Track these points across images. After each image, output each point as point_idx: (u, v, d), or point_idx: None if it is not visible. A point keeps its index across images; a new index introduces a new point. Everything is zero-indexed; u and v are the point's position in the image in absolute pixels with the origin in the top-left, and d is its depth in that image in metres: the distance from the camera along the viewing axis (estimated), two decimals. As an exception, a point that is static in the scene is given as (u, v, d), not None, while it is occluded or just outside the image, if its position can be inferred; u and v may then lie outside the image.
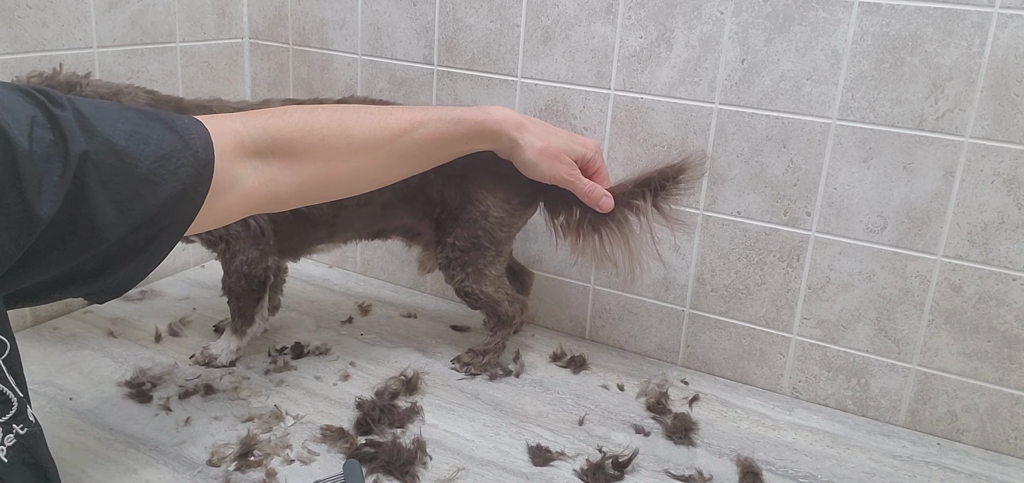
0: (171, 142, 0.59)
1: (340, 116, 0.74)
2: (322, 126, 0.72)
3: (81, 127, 0.52)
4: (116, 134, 0.55)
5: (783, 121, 0.88)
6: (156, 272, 1.16)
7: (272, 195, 0.70)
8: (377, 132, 0.75)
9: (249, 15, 1.22)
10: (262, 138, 0.68)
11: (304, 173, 0.71)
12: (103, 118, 0.55)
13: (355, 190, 0.78)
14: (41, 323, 1.01)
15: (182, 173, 0.59)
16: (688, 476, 0.76)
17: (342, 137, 0.73)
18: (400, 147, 0.76)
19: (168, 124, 0.60)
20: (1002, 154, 0.79)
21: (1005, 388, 0.84)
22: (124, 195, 0.55)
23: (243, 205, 0.68)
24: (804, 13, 0.84)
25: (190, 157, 0.60)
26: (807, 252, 0.90)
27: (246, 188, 0.67)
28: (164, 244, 0.61)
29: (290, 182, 0.70)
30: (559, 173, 0.82)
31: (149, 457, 0.75)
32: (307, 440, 0.79)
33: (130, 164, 0.55)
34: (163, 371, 0.90)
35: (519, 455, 0.79)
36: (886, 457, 0.83)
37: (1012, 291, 0.82)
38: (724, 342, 0.98)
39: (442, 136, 0.78)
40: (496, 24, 1.01)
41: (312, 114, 0.73)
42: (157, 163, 0.57)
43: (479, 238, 0.89)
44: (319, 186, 0.73)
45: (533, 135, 0.81)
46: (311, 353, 0.97)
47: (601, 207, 0.84)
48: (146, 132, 0.58)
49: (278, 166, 0.69)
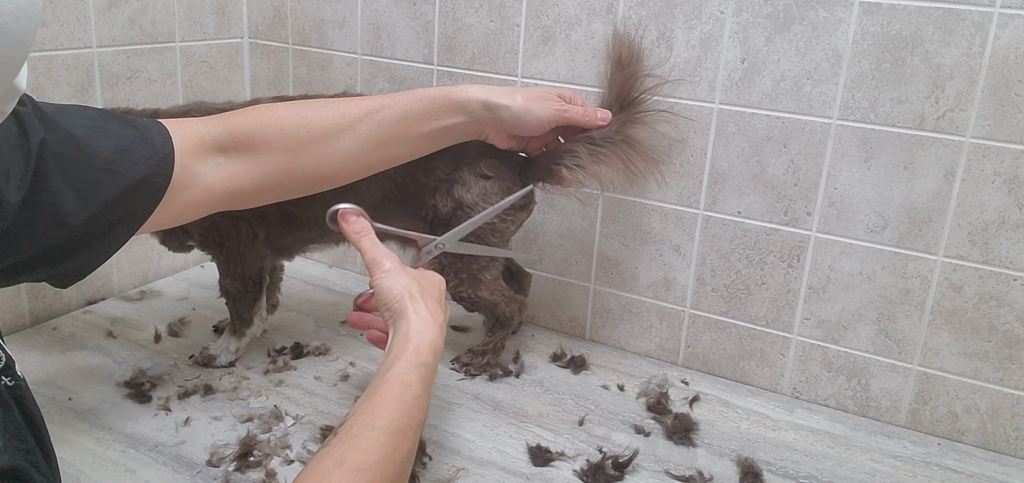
0: (130, 136, 0.63)
1: (299, 107, 0.76)
2: (280, 117, 0.74)
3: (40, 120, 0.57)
4: (75, 128, 0.59)
5: (783, 121, 0.88)
6: (156, 272, 1.16)
7: (235, 190, 0.72)
8: (337, 118, 0.75)
9: (249, 15, 1.22)
10: (222, 134, 0.71)
11: (265, 166, 0.73)
12: (62, 114, 0.60)
13: (326, 181, 0.78)
14: (40, 323, 1.01)
15: (142, 164, 0.63)
16: (688, 476, 0.76)
17: (301, 125, 0.74)
18: (364, 130, 0.76)
19: (127, 121, 0.64)
20: (1003, 154, 0.79)
21: (1006, 388, 0.84)
22: (84, 183, 0.59)
23: (206, 200, 0.71)
24: (804, 13, 0.84)
25: (149, 149, 0.64)
26: (807, 252, 0.90)
27: (208, 183, 0.70)
28: (124, 231, 0.64)
29: (252, 176, 0.72)
30: (553, 107, 0.81)
31: (148, 457, 0.75)
32: (307, 440, 0.79)
33: (89, 154, 0.59)
34: (163, 371, 0.90)
35: (519, 455, 0.79)
36: (887, 457, 0.83)
37: (1013, 291, 0.82)
38: (724, 342, 0.98)
39: (407, 113, 0.78)
40: (496, 24, 1.01)
41: (272, 109, 0.75)
42: (116, 154, 0.61)
43: (470, 243, 0.89)
44: (283, 177, 0.74)
45: (507, 93, 0.81)
46: (311, 353, 0.97)
47: (602, 119, 0.84)
48: (105, 127, 0.62)
49: (240, 161, 0.72)
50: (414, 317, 0.66)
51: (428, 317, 0.66)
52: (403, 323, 0.65)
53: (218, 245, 0.90)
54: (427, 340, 0.64)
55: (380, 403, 0.58)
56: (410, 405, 0.59)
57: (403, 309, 0.66)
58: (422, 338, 0.64)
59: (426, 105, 0.78)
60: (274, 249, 0.93)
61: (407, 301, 0.67)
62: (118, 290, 1.11)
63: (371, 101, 0.77)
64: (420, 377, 0.61)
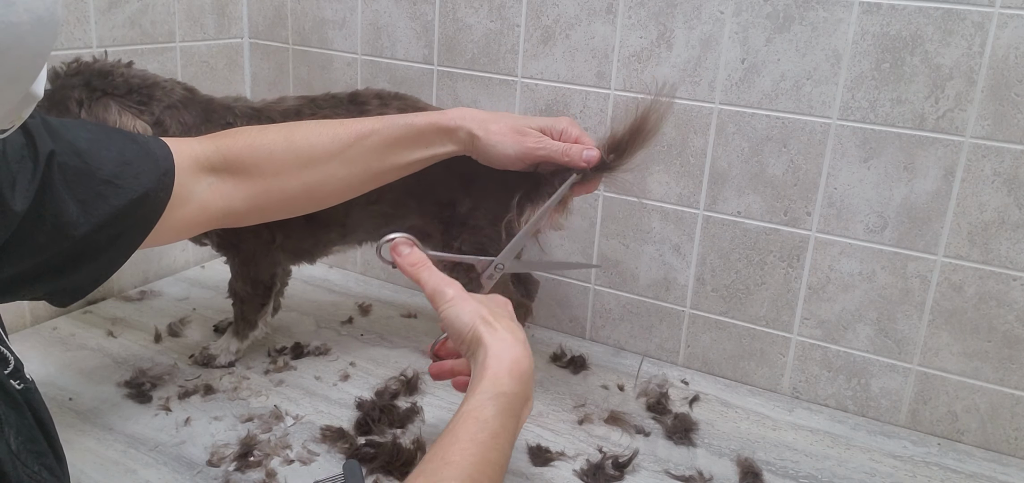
0: (132, 150, 0.64)
1: (288, 132, 0.77)
2: (269, 143, 0.74)
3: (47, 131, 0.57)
4: (79, 140, 0.60)
5: (783, 121, 0.88)
6: (156, 272, 1.16)
7: (228, 209, 0.73)
8: (326, 143, 0.75)
9: (249, 15, 1.22)
10: (214, 155, 0.72)
11: (255, 188, 0.74)
12: (67, 126, 0.60)
13: (317, 203, 0.79)
14: (40, 323, 1.01)
15: (144, 177, 0.63)
16: (688, 476, 0.76)
17: (289, 152, 0.75)
18: (352, 155, 0.76)
19: (129, 136, 0.65)
20: (1002, 154, 0.79)
21: (1006, 388, 0.84)
22: (87, 195, 0.59)
23: (201, 218, 0.72)
24: (804, 13, 0.84)
25: (151, 163, 0.64)
26: (807, 252, 0.90)
27: (203, 202, 0.71)
28: (126, 245, 0.64)
29: (244, 197, 0.74)
30: (526, 145, 0.76)
31: (149, 457, 0.75)
32: (307, 440, 0.79)
33: (93, 166, 0.60)
34: (163, 371, 0.90)
35: (519, 455, 0.79)
36: (886, 457, 0.83)
37: (1012, 291, 0.82)
38: (724, 342, 0.98)
39: (397, 139, 0.77)
40: (496, 24, 1.01)
41: (262, 133, 0.76)
42: (119, 167, 0.61)
43: (484, 245, 0.88)
44: (274, 200, 0.75)
45: (493, 121, 0.77)
46: (311, 353, 0.97)
47: (585, 160, 0.76)
48: (108, 140, 0.62)
49: (231, 182, 0.73)
50: (493, 341, 0.60)
51: (508, 337, 0.61)
52: (480, 351, 0.61)
53: (234, 246, 0.90)
54: (506, 363, 0.59)
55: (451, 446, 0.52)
56: (486, 445, 0.53)
57: (477, 336, 0.62)
58: (501, 362, 0.59)
59: (415, 132, 0.77)
60: (294, 253, 0.93)
61: (480, 327, 0.62)
62: (118, 290, 1.11)
63: (361, 125, 0.77)
64: (498, 410, 0.55)
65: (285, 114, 0.88)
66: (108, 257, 0.64)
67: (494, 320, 0.63)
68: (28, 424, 0.49)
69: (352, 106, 0.90)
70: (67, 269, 0.61)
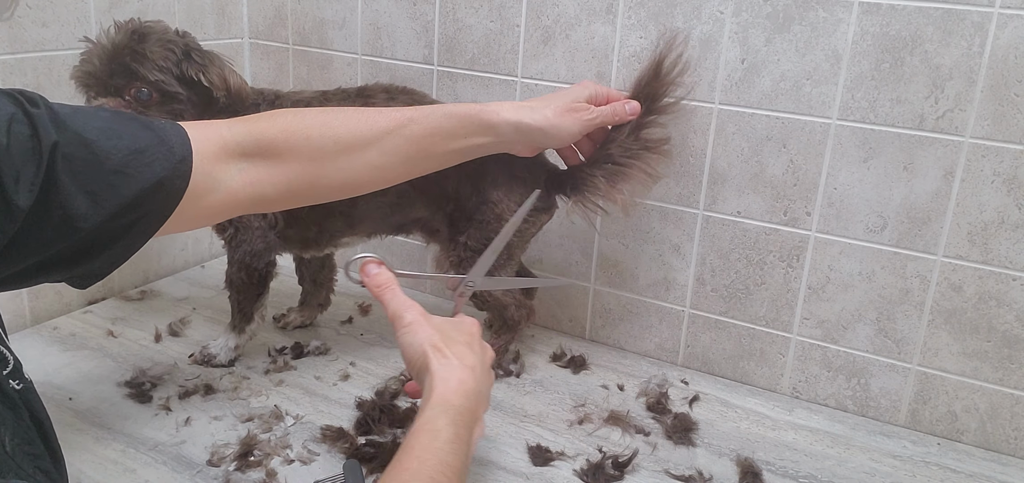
0: (145, 138, 0.62)
1: (327, 117, 0.76)
2: (307, 126, 0.73)
3: (53, 123, 0.55)
4: (87, 130, 0.58)
5: (783, 121, 0.88)
6: (156, 272, 1.16)
7: (258, 195, 0.71)
8: (364, 130, 0.75)
9: (249, 15, 1.22)
10: (247, 140, 0.70)
11: (290, 173, 0.72)
12: (75, 116, 0.58)
13: (351, 190, 0.78)
14: (40, 323, 1.01)
15: (157, 166, 0.62)
16: (688, 476, 0.76)
17: (328, 136, 0.73)
18: (391, 145, 0.75)
19: (144, 124, 0.63)
20: (1002, 154, 0.79)
21: (1005, 388, 0.84)
22: (96, 186, 0.58)
23: (229, 205, 0.70)
24: (804, 13, 0.84)
25: (165, 152, 0.63)
26: (807, 252, 0.90)
27: (231, 189, 0.69)
28: (141, 233, 0.63)
29: (276, 182, 0.72)
30: (583, 119, 0.81)
31: (149, 457, 0.75)
32: (307, 440, 0.79)
33: (101, 157, 0.58)
34: (163, 371, 0.90)
35: (519, 455, 0.79)
36: (886, 457, 0.83)
37: (1012, 291, 0.82)
38: (724, 342, 0.98)
39: (435, 130, 0.77)
40: (496, 24, 1.01)
41: (299, 115, 0.75)
42: (130, 156, 0.60)
43: (490, 241, 0.88)
44: (306, 185, 0.74)
45: (536, 109, 0.81)
46: (311, 353, 0.97)
47: (632, 112, 0.84)
48: (119, 129, 0.61)
49: (264, 167, 0.71)
50: (439, 367, 0.63)
51: (454, 362, 0.64)
52: (428, 377, 0.63)
53: (233, 229, 0.90)
54: (452, 384, 0.62)
55: (407, 454, 0.55)
56: (442, 450, 0.55)
57: (426, 363, 0.64)
58: (447, 385, 0.61)
59: (455, 123, 0.78)
60: (301, 242, 0.93)
61: (430, 353, 0.64)
62: (118, 290, 1.11)
63: (399, 114, 0.77)
64: (450, 420, 0.58)
65: (298, 105, 0.89)
66: (123, 244, 0.62)
67: (445, 346, 0.65)
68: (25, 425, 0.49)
69: (359, 100, 0.90)
70: (80, 259, 0.60)
